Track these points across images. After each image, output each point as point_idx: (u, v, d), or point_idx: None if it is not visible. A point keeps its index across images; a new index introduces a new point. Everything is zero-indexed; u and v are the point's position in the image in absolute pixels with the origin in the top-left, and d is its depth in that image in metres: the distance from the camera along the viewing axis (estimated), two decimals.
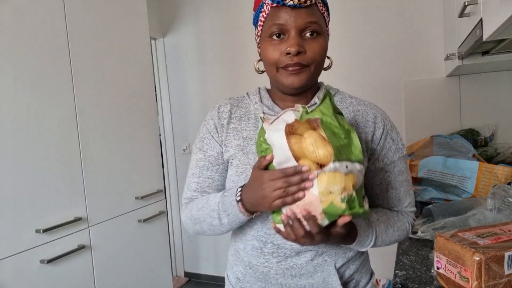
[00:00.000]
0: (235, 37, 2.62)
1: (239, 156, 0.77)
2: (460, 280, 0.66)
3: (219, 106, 0.83)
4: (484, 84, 2.03)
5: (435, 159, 1.35)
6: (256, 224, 0.77)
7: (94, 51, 1.51)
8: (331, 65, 0.80)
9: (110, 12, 1.60)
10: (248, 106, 0.82)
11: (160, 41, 2.83)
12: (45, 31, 1.31)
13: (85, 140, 1.45)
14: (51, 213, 1.30)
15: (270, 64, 0.73)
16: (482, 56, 1.41)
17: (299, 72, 0.71)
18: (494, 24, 0.77)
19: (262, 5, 0.73)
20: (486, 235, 0.70)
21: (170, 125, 2.92)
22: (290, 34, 0.70)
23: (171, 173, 2.94)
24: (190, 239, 2.97)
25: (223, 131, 0.80)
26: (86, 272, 1.44)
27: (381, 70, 2.26)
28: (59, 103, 1.36)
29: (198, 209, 0.78)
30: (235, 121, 0.81)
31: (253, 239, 0.78)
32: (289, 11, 0.69)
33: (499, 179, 1.25)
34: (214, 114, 0.82)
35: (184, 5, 2.76)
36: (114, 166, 1.59)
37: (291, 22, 0.69)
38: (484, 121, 2.02)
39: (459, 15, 1.04)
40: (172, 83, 2.87)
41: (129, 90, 1.69)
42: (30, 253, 1.23)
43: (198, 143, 0.84)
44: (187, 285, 2.91)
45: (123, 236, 1.63)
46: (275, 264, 0.76)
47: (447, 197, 1.35)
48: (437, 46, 2.11)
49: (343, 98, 0.82)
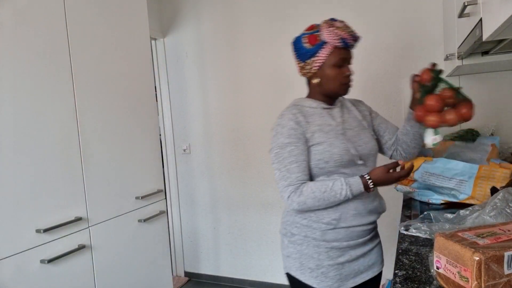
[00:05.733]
0: (235, 37, 2.62)
1: (324, 134, 1.15)
2: (460, 280, 0.66)
3: (290, 112, 1.18)
4: (484, 84, 2.03)
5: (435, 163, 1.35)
6: None
7: (94, 51, 1.51)
8: None
9: (110, 12, 1.60)
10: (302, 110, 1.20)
11: (160, 41, 2.83)
12: (45, 31, 1.31)
13: (85, 140, 1.45)
14: (51, 213, 1.30)
15: (335, 81, 1.18)
16: (482, 56, 1.41)
17: (350, 86, 1.22)
18: (494, 24, 0.77)
19: (323, 44, 1.14)
20: (485, 235, 0.70)
21: (170, 125, 2.92)
22: (347, 64, 1.19)
23: (171, 173, 2.94)
24: (190, 239, 2.97)
25: (303, 125, 1.15)
26: (86, 272, 1.44)
27: (381, 70, 2.26)
28: (59, 103, 1.36)
29: (322, 192, 1.09)
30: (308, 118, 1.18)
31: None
32: (348, 51, 1.18)
33: (497, 179, 1.25)
34: (290, 117, 1.16)
35: (184, 5, 2.76)
36: (114, 166, 1.59)
37: (347, 58, 1.19)
38: (484, 121, 2.02)
39: (459, 15, 1.05)
40: (172, 83, 2.87)
41: (129, 90, 1.69)
42: (31, 253, 1.23)
43: (284, 139, 1.13)
44: (187, 285, 2.91)
45: (123, 236, 1.63)
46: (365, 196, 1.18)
47: (444, 198, 1.35)
48: (437, 46, 2.11)
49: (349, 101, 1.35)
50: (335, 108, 1.24)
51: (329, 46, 1.13)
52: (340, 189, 1.09)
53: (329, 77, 1.16)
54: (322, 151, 1.13)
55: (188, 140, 2.88)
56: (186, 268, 3.02)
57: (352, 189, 1.09)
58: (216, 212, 2.85)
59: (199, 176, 2.88)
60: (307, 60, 1.17)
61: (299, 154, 1.12)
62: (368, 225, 1.21)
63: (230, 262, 2.85)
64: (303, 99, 1.25)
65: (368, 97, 2.29)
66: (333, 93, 1.21)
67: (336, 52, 1.14)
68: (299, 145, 1.13)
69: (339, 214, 1.15)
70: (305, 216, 1.18)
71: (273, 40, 2.50)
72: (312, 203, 1.11)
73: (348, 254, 1.18)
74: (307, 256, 1.18)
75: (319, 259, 1.17)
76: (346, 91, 1.20)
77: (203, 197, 2.89)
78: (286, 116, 1.17)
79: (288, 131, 1.13)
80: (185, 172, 2.93)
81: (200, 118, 2.82)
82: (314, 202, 1.10)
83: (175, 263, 3.01)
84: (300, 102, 1.23)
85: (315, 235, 1.17)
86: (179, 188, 2.96)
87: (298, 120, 1.15)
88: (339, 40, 1.11)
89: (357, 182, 1.10)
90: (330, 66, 1.15)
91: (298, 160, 1.12)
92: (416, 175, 1.40)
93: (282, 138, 1.14)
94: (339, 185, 1.09)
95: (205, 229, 2.91)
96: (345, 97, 1.28)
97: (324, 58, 1.14)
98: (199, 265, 2.97)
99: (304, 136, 1.14)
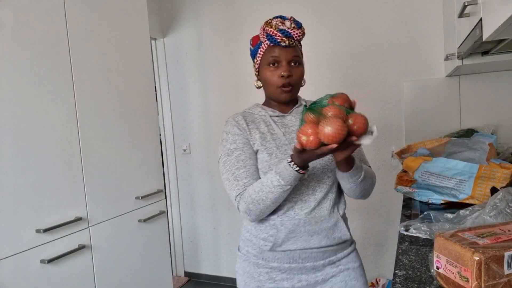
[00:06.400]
0: (235, 37, 2.62)
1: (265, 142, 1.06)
2: (460, 280, 0.66)
3: (234, 118, 1.12)
4: (484, 84, 2.03)
5: (435, 163, 1.35)
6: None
7: (94, 51, 1.51)
8: (304, 84, 1.13)
9: (110, 12, 1.60)
10: (253, 116, 1.14)
11: (160, 41, 2.83)
12: (45, 31, 1.31)
13: (85, 140, 1.45)
14: (51, 213, 1.30)
15: (271, 85, 1.06)
16: (482, 56, 1.41)
17: (289, 91, 1.06)
18: (494, 24, 0.77)
19: (260, 44, 1.06)
20: (485, 235, 0.70)
21: (170, 125, 2.92)
22: (282, 64, 1.04)
23: (171, 173, 2.94)
24: (190, 239, 2.97)
25: (247, 131, 1.08)
26: (86, 272, 1.44)
27: (381, 70, 2.26)
28: (59, 103, 1.36)
29: (257, 192, 0.98)
30: (251, 125, 1.10)
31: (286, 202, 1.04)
32: (281, 48, 1.03)
33: (498, 179, 1.25)
34: (233, 123, 1.10)
35: (184, 5, 2.76)
36: (114, 166, 1.59)
37: (283, 56, 1.03)
38: (484, 121, 2.02)
39: (459, 15, 1.05)
40: (172, 83, 2.88)
41: (129, 90, 1.69)
42: (30, 253, 1.23)
43: (230, 146, 1.06)
44: (187, 285, 2.91)
45: (123, 236, 1.63)
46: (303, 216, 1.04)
47: (444, 198, 1.35)
48: (437, 46, 2.11)
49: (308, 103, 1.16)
50: (288, 116, 1.11)
51: (263, 45, 1.05)
52: (271, 180, 0.96)
53: (265, 79, 1.07)
54: (261, 160, 1.04)
55: (188, 140, 2.88)
56: (186, 268, 3.02)
57: (282, 175, 0.94)
58: (216, 212, 2.85)
59: (199, 176, 2.88)
60: (254, 61, 1.11)
61: (246, 158, 1.04)
62: (317, 249, 1.04)
63: (230, 262, 2.85)
64: (255, 105, 1.17)
65: (368, 97, 2.29)
66: (273, 98, 1.10)
67: (268, 50, 1.04)
68: (246, 150, 1.05)
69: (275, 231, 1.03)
70: (247, 229, 1.10)
71: None
72: (256, 208, 0.99)
73: (296, 278, 1.05)
74: (248, 275, 1.09)
75: (259, 280, 1.06)
76: (285, 95, 1.06)
77: (203, 197, 2.89)
78: (230, 122, 1.11)
79: (233, 137, 1.07)
80: (185, 172, 2.93)
81: (200, 118, 2.82)
82: (256, 206, 0.98)
83: (175, 263, 3.01)
84: (251, 109, 1.16)
85: (255, 251, 1.07)
86: (179, 188, 2.96)
87: (241, 127, 1.08)
88: (266, 37, 1.04)
89: (285, 167, 0.94)
90: (264, 67, 1.06)
91: (247, 165, 1.03)
92: (415, 175, 1.40)
93: (228, 144, 1.07)
94: (269, 177, 0.97)
95: (205, 229, 2.91)
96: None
97: (259, 58, 1.07)
98: (199, 265, 2.97)
99: (249, 141, 1.06)
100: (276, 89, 1.06)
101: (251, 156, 1.05)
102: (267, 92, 1.11)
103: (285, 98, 1.07)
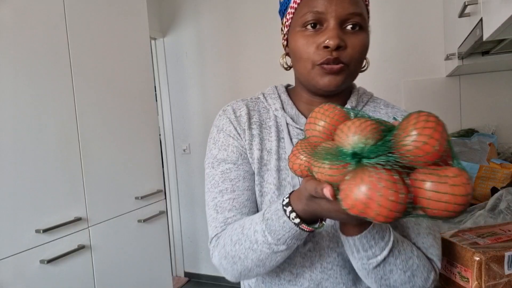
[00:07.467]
0: (235, 37, 2.62)
1: (262, 172, 0.66)
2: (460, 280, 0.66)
3: (234, 110, 0.70)
4: (484, 84, 2.03)
5: None
6: None
7: (94, 51, 1.51)
8: (367, 67, 0.68)
9: (110, 12, 1.60)
10: (267, 111, 0.71)
11: (160, 41, 2.83)
12: (45, 31, 1.31)
13: (85, 140, 1.45)
14: (51, 213, 1.30)
15: (303, 60, 0.61)
16: (482, 56, 1.40)
17: (338, 72, 0.59)
18: (494, 24, 0.76)
19: None
20: (486, 235, 0.70)
21: (170, 125, 2.92)
22: (329, 25, 0.58)
23: (171, 173, 2.94)
24: (190, 239, 2.97)
25: (246, 137, 0.67)
26: (86, 272, 1.44)
27: (381, 70, 2.26)
28: (59, 103, 1.36)
29: (233, 243, 0.59)
30: (255, 127, 0.68)
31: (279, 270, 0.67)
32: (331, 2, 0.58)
33: (498, 179, 1.25)
34: (232, 118, 0.69)
35: (184, 5, 2.76)
36: (114, 166, 1.59)
37: (331, 11, 0.57)
38: (484, 121, 2.02)
39: (459, 15, 1.04)
40: (172, 83, 2.87)
41: (129, 90, 1.69)
42: (30, 253, 1.23)
43: (217, 152, 0.68)
44: (187, 285, 2.91)
45: (123, 236, 1.63)
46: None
47: None
48: (437, 46, 2.11)
49: (376, 107, 0.72)
50: None
51: None
52: (254, 230, 0.56)
53: (296, 50, 0.62)
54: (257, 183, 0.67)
55: (188, 140, 2.88)
56: (186, 268, 3.02)
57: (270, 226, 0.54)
58: None
59: (199, 176, 2.87)
60: (282, 21, 0.68)
61: (238, 178, 0.66)
62: None
63: None
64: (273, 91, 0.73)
65: None
66: (307, 84, 0.65)
67: (307, 1, 0.60)
68: (239, 165, 0.66)
69: None
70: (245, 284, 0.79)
71: (273, 40, 2.50)
72: (231, 267, 0.61)
73: None
74: None
75: None
76: (327, 80, 0.60)
77: (203, 197, 2.88)
78: (226, 115, 0.70)
79: (225, 140, 0.68)
80: (184, 172, 2.93)
81: (200, 118, 2.82)
82: (232, 265, 0.60)
83: (174, 263, 3.01)
84: (267, 97, 0.73)
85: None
86: (179, 188, 2.95)
87: (241, 127, 0.68)
88: None
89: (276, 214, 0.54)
90: (296, 29, 0.62)
91: (235, 189, 0.65)
92: None
93: (215, 149, 0.69)
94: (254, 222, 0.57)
95: (205, 229, 2.91)
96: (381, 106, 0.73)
97: (291, 15, 0.64)
98: (199, 265, 2.97)
99: (247, 152, 0.67)
100: (311, 69, 0.61)
101: (245, 175, 0.66)
102: (297, 73, 0.66)
103: (328, 86, 0.60)
